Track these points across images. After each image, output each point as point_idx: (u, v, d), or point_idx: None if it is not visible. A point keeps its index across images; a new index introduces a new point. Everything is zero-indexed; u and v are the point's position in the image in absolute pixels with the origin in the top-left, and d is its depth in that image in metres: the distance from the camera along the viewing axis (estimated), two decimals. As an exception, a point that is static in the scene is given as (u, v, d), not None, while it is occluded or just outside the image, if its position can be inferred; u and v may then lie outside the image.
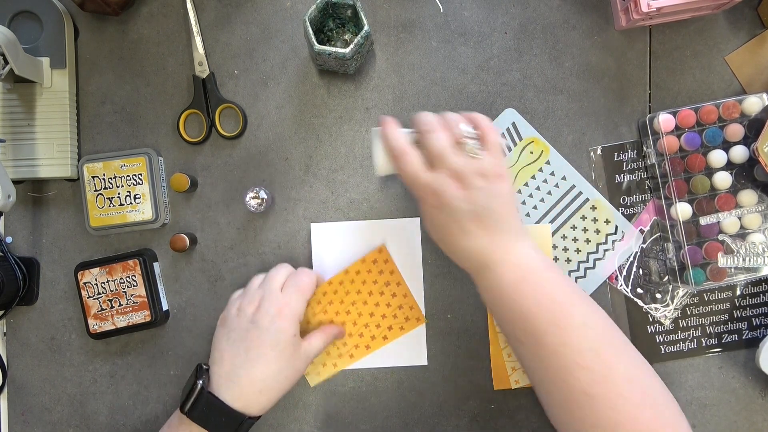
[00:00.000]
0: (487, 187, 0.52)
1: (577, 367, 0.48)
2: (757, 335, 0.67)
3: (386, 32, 0.68)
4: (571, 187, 0.68)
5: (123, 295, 0.66)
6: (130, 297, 0.66)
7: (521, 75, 0.68)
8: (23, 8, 0.66)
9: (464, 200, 0.51)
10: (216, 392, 0.56)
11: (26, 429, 0.69)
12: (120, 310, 0.66)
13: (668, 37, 0.68)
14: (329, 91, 0.68)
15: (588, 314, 0.51)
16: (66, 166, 0.67)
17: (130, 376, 0.69)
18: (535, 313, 0.50)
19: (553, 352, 0.49)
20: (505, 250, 0.52)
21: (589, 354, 0.48)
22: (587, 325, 0.50)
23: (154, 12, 0.69)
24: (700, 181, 0.63)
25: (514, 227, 0.53)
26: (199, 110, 0.68)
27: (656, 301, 0.67)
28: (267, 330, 0.57)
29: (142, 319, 0.65)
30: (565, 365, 0.48)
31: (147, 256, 0.66)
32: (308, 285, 0.61)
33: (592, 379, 0.48)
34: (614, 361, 0.49)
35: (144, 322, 0.65)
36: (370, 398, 0.68)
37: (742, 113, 0.63)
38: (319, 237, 0.68)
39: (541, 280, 0.52)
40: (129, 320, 0.66)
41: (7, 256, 0.66)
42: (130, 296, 0.66)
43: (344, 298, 0.66)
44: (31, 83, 0.66)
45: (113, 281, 0.65)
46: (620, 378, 0.48)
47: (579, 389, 0.48)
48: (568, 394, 0.49)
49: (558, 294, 0.51)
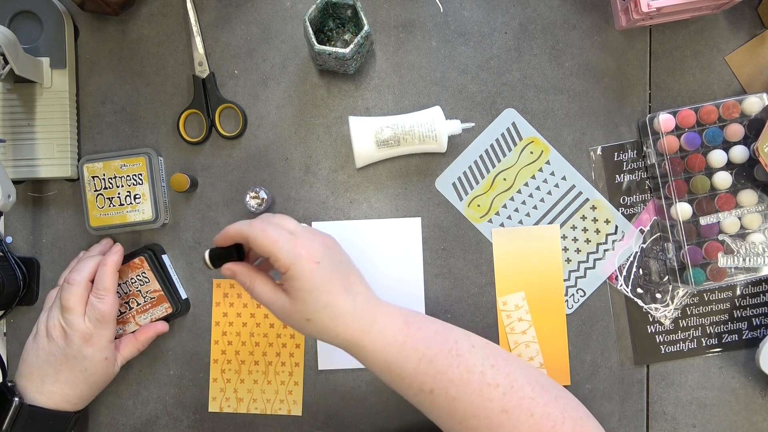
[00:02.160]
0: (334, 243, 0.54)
1: (488, 388, 0.49)
2: (757, 335, 0.67)
3: (386, 32, 0.68)
4: (571, 187, 0.68)
5: (138, 294, 0.66)
6: (146, 294, 0.66)
7: (521, 75, 0.68)
8: (23, 8, 0.66)
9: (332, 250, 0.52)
10: (33, 402, 0.58)
11: (26, 429, 0.69)
12: (139, 309, 0.66)
13: (668, 37, 0.68)
14: (329, 91, 0.68)
15: (468, 336, 0.53)
16: (66, 166, 0.67)
17: (130, 376, 0.69)
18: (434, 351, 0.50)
19: (462, 382, 0.49)
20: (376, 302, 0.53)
21: (490, 371, 0.50)
22: (474, 346, 0.52)
23: (154, 12, 0.69)
24: (700, 181, 0.63)
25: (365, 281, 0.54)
26: (199, 110, 0.68)
27: (656, 301, 0.67)
28: (75, 357, 0.59)
29: (164, 312, 0.66)
30: (478, 391, 0.49)
31: (154, 250, 0.66)
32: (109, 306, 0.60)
33: (503, 393, 0.49)
34: (510, 369, 0.51)
35: (166, 315, 0.66)
36: (370, 398, 0.68)
37: (742, 113, 0.63)
38: (319, 237, 0.68)
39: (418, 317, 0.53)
40: (151, 316, 0.66)
41: (7, 256, 0.66)
42: (145, 293, 0.66)
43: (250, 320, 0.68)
44: (31, 83, 0.66)
45: (124, 284, 0.66)
46: (522, 382, 0.50)
47: (496, 409, 0.49)
48: (488, 420, 0.49)
49: (436, 325, 0.53)
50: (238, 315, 0.68)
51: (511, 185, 0.68)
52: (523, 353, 0.66)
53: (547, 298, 0.67)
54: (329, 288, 0.50)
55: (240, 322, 0.68)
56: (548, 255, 0.67)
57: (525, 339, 0.66)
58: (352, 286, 0.51)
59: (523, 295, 0.67)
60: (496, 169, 0.68)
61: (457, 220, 0.68)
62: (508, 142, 0.68)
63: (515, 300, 0.67)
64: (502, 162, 0.68)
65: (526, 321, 0.66)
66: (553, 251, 0.67)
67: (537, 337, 0.66)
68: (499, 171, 0.68)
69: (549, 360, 0.66)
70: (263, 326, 0.68)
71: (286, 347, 0.68)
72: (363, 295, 0.52)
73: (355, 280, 0.52)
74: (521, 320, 0.66)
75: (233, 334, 0.68)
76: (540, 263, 0.67)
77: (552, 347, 0.66)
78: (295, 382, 0.67)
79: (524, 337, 0.66)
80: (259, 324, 0.68)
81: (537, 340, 0.66)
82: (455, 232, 0.68)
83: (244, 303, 0.68)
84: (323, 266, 0.50)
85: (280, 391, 0.67)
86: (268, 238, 0.49)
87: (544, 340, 0.66)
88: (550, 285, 0.67)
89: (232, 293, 0.68)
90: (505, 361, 0.51)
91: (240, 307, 0.68)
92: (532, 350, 0.66)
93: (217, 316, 0.68)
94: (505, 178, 0.68)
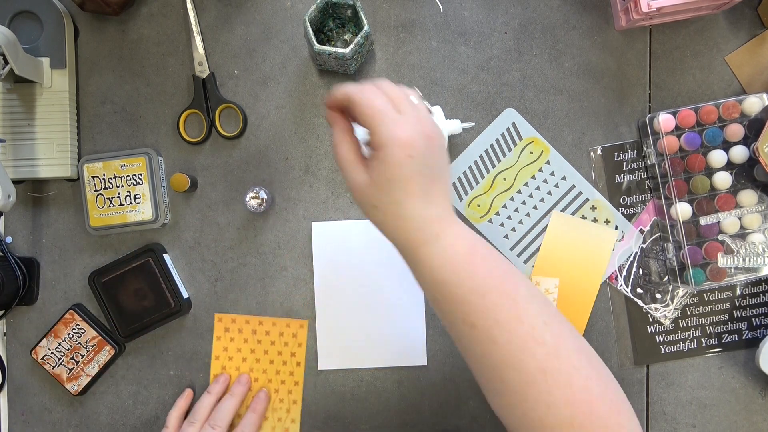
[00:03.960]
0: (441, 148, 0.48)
1: (533, 342, 0.45)
2: (757, 335, 0.67)
3: (386, 32, 0.68)
4: (571, 187, 0.68)
5: (80, 346, 0.68)
6: (86, 344, 0.67)
7: (521, 75, 0.68)
8: (23, 8, 0.66)
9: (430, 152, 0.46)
10: None
11: (26, 429, 0.69)
12: (85, 360, 0.67)
13: (668, 37, 0.68)
14: (329, 91, 0.68)
15: (529, 286, 0.48)
16: (66, 166, 0.67)
17: (130, 376, 0.69)
18: (490, 286, 0.46)
19: (509, 327, 0.45)
20: (453, 222, 0.48)
21: (541, 326, 0.45)
22: (534, 297, 0.47)
23: (154, 12, 0.69)
24: (700, 181, 0.63)
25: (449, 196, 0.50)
26: (199, 110, 0.68)
27: (656, 301, 0.67)
28: None
29: (108, 355, 0.67)
30: (522, 342, 0.45)
31: (156, 250, 0.67)
32: None
33: (547, 353, 0.45)
34: (563, 333, 0.46)
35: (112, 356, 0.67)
36: (370, 398, 0.68)
37: (742, 113, 0.63)
38: (320, 236, 0.68)
39: (488, 250, 0.48)
40: (98, 363, 0.67)
41: (7, 256, 0.66)
42: (86, 343, 0.67)
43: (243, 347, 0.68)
44: (31, 83, 0.66)
45: (64, 341, 0.67)
46: (571, 348, 0.46)
47: (535, 367, 0.45)
48: (523, 375, 0.45)
49: (504, 264, 0.48)
50: (238, 350, 0.68)
51: (511, 185, 0.68)
52: None
53: (578, 294, 0.66)
54: (409, 187, 0.46)
55: (240, 357, 0.68)
56: (596, 254, 0.67)
57: None
58: (433, 193, 0.47)
59: (557, 282, 0.66)
60: (496, 169, 0.68)
61: (457, 220, 0.68)
62: (508, 142, 0.68)
63: (548, 284, 0.66)
64: (502, 162, 0.68)
65: None
66: (602, 253, 0.67)
67: None
68: (499, 171, 0.68)
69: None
70: (263, 362, 0.68)
71: (284, 384, 0.68)
72: (440, 206, 0.48)
73: (440, 188, 0.48)
74: None
75: (232, 369, 0.68)
76: (585, 259, 0.67)
77: (553, 347, 0.66)
78: (292, 419, 0.67)
79: None
80: (258, 360, 0.68)
81: None
82: (455, 232, 0.67)
83: (244, 338, 0.68)
84: (414, 162, 0.46)
85: (276, 428, 0.67)
86: (372, 109, 0.45)
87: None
88: (586, 283, 0.67)
89: (233, 328, 0.68)
90: (559, 324, 0.47)
91: (240, 342, 0.68)
92: None
93: (218, 350, 0.68)
94: (505, 178, 0.68)
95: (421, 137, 0.46)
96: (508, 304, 0.46)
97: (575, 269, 0.67)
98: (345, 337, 0.67)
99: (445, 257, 0.47)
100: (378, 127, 0.45)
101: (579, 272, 0.67)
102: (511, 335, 0.45)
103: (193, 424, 0.64)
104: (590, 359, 0.47)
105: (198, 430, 0.64)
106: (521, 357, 0.45)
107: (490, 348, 0.46)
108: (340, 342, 0.67)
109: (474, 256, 0.47)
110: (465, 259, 0.47)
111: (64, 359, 0.67)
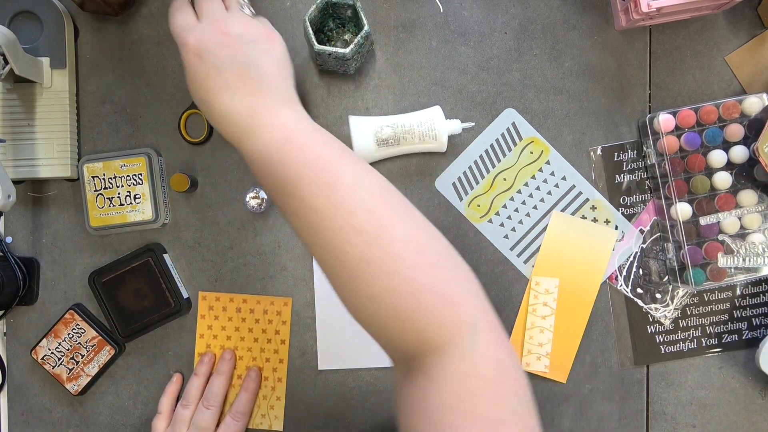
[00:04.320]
0: (254, 42, 0.50)
1: (352, 231, 0.44)
2: (757, 335, 0.67)
3: (386, 32, 0.68)
4: (571, 187, 0.68)
5: (80, 346, 0.68)
6: (86, 344, 0.67)
7: (521, 75, 0.68)
8: (23, 8, 0.66)
9: (228, 47, 0.49)
10: None
11: (26, 429, 0.69)
12: (85, 360, 0.67)
13: (668, 37, 0.68)
14: (329, 91, 0.68)
15: (361, 174, 0.47)
16: (66, 166, 0.67)
17: (130, 376, 0.69)
18: (304, 174, 0.46)
19: (325, 216, 0.45)
20: (271, 114, 0.49)
21: (363, 215, 0.44)
22: (361, 185, 0.46)
23: (154, 12, 0.69)
24: (700, 181, 0.63)
25: (283, 92, 0.51)
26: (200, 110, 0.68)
27: (656, 301, 0.67)
28: None
29: (108, 355, 0.67)
30: (339, 229, 0.44)
31: (156, 250, 0.67)
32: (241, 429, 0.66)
33: (367, 242, 0.44)
34: (391, 222, 0.45)
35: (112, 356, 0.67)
36: (370, 398, 0.68)
37: (742, 113, 0.63)
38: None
39: (307, 141, 0.48)
40: (98, 363, 0.67)
41: (7, 256, 0.66)
42: (86, 343, 0.67)
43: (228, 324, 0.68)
44: (31, 83, 0.66)
45: (64, 341, 0.67)
46: (397, 238, 0.44)
47: (355, 256, 0.44)
48: (344, 263, 0.44)
49: (326, 154, 0.47)
50: (223, 328, 0.68)
51: (511, 185, 0.68)
52: (535, 337, 0.66)
53: (578, 294, 0.67)
54: (207, 84, 0.49)
55: (224, 335, 0.68)
56: (596, 255, 0.67)
57: (542, 324, 0.66)
58: (238, 86, 0.49)
59: (557, 282, 0.67)
60: (496, 169, 0.68)
61: (457, 220, 0.68)
62: (508, 142, 0.68)
63: (548, 284, 0.67)
64: (502, 162, 0.68)
65: (550, 308, 0.66)
66: (602, 253, 0.67)
67: (554, 328, 0.66)
68: (499, 171, 0.68)
69: (556, 353, 0.66)
70: (247, 340, 0.68)
71: (269, 362, 0.68)
72: (253, 98, 0.49)
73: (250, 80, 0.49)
74: (546, 305, 0.66)
75: (217, 347, 0.68)
76: (585, 260, 0.67)
77: (564, 343, 0.66)
78: (277, 396, 0.68)
79: (543, 322, 0.66)
80: (243, 338, 0.68)
81: (553, 330, 0.66)
82: (455, 232, 0.68)
83: (228, 316, 0.68)
84: (204, 61, 0.49)
85: (261, 406, 0.68)
86: (172, 25, 0.52)
87: (559, 333, 0.66)
88: (585, 284, 0.67)
89: (217, 306, 0.68)
90: (389, 211, 0.46)
91: (225, 320, 0.68)
92: (544, 337, 0.66)
93: (202, 329, 0.68)
94: (505, 178, 0.68)
95: (212, 39, 0.50)
96: (324, 192, 0.45)
97: (575, 269, 0.67)
98: (345, 337, 0.67)
99: (260, 149, 0.48)
100: (176, 38, 0.51)
101: (579, 272, 0.67)
102: (329, 222, 0.45)
103: (187, 407, 0.65)
104: (423, 249, 0.45)
105: (193, 412, 0.65)
106: (340, 245, 0.45)
107: (311, 235, 0.46)
108: (340, 342, 0.67)
109: (288, 145, 0.48)
110: (277, 149, 0.48)
111: (64, 359, 0.67)
